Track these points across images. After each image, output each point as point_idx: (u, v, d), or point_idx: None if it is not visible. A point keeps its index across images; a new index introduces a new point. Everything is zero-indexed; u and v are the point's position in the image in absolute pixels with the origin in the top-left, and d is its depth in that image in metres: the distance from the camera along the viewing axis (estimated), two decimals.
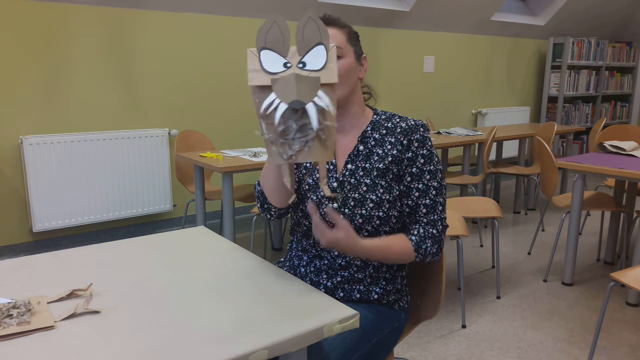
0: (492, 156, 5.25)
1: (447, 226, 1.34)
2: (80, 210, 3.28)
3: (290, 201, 1.09)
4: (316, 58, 1.01)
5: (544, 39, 6.02)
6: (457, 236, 2.35)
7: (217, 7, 3.62)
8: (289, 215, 1.44)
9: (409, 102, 4.91)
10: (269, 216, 1.38)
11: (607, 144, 3.12)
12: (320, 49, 1.01)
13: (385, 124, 1.35)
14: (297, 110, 1.00)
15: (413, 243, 1.28)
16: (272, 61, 1.00)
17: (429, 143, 1.32)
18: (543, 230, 3.93)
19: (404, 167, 1.31)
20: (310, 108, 0.99)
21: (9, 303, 1.03)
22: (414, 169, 1.30)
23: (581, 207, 2.81)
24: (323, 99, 1.01)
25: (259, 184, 1.35)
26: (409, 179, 1.31)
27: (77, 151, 3.22)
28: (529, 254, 3.42)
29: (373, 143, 1.33)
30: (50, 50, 3.11)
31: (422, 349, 2.24)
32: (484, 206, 2.80)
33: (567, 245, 2.88)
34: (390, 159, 1.31)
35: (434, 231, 1.31)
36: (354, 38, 1.33)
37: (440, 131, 4.06)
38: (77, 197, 3.25)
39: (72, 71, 3.20)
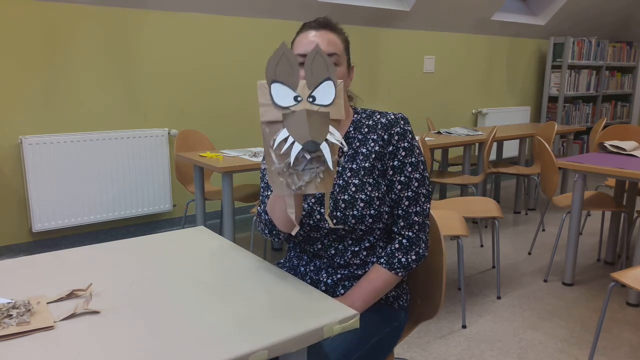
0: (493, 156, 5.25)
1: (426, 223, 1.34)
2: (79, 210, 3.28)
3: (293, 232, 1.09)
4: (325, 93, 1.02)
5: (545, 39, 6.01)
6: (457, 236, 2.35)
7: (217, 7, 3.62)
8: None
9: (409, 102, 4.90)
10: (277, 240, 1.38)
11: (607, 143, 3.11)
12: (329, 84, 1.02)
13: (367, 122, 1.36)
14: None
15: (384, 266, 1.30)
16: (283, 94, 1.01)
17: (410, 135, 1.33)
18: (543, 230, 3.93)
19: (386, 162, 1.32)
20: (324, 147, 0.99)
21: (8, 303, 1.03)
22: (395, 162, 1.31)
23: (582, 207, 2.80)
24: (335, 135, 1.01)
25: (266, 213, 1.32)
26: (391, 172, 1.32)
27: (76, 151, 3.21)
28: (529, 254, 3.41)
29: (358, 144, 1.34)
30: (50, 50, 3.10)
31: (422, 349, 2.24)
32: (484, 206, 2.80)
33: (567, 245, 2.88)
34: (374, 156, 1.32)
35: (409, 235, 1.31)
36: (348, 47, 1.36)
37: (441, 131, 4.05)
38: (76, 197, 3.25)
39: (72, 71, 3.19)
